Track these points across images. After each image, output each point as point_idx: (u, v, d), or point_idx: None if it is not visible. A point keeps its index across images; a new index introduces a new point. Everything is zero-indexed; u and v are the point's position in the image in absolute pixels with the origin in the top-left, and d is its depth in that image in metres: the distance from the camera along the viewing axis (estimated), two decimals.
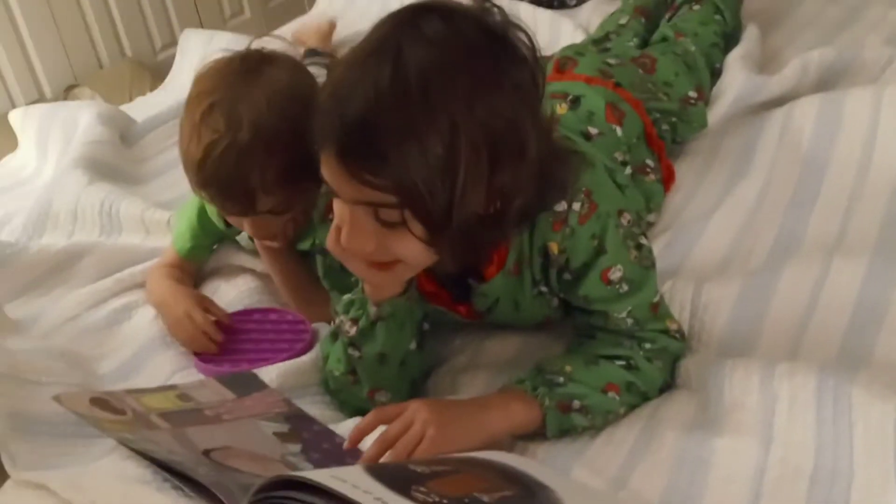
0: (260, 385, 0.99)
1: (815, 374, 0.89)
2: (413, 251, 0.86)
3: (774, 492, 0.84)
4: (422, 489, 0.74)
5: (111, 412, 0.92)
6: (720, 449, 0.89)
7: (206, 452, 0.89)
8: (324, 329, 1.16)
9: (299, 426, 0.95)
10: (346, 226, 0.86)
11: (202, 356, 1.17)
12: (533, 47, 0.85)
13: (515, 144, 0.83)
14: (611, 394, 0.96)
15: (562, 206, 0.94)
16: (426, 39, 0.80)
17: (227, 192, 1.09)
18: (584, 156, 0.98)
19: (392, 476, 0.76)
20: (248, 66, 1.10)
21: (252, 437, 0.92)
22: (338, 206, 0.87)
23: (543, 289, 1.01)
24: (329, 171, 0.84)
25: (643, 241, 1.00)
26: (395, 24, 0.83)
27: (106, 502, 0.76)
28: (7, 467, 0.94)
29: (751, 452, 0.88)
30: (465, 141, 0.79)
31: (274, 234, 1.18)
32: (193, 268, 1.31)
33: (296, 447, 0.93)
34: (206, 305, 1.21)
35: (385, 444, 0.89)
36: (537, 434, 0.95)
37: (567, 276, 0.98)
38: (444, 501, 0.72)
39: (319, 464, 0.92)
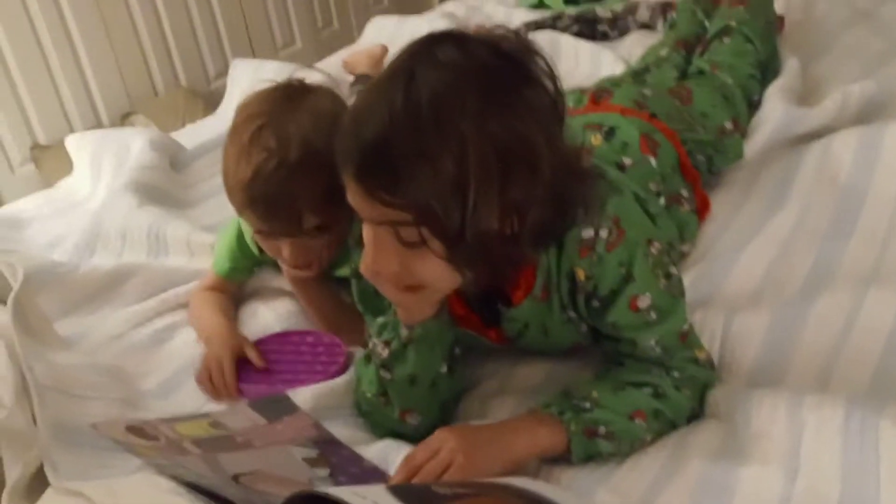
0: (291, 408, 1.00)
1: (842, 405, 0.89)
2: (435, 271, 0.88)
3: None
4: None
5: (145, 439, 0.95)
6: (745, 477, 0.89)
7: (236, 477, 0.91)
8: (359, 353, 1.19)
9: (328, 451, 0.97)
10: (371, 247, 0.89)
11: (240, 376, 1.20)
12: (551, 71, 0.88)
13: (526, 161, 0.85)
14: (637, 420, 0.96)
15: (589, 234, 0.95)
16: (439, 64, 0.84)
17: (274, 211, 1.11)
18: (609, 181, 0.99)
19: (413, 496, 0.77)
20: (290, 93, 1.15)
21: (281, 462, 0.94)
22: (364, 229, 0.90)
23: (572, 314, 1.02)
24: (350, 192, 0.87)
25: (672, 270, 1.01)
26: (411, 52, 0.86)
27: None
28: (49, 476, 0.98)
29: (776, 481, 0.87)
30: (474, 158, 0.81)
31: (310, 262, 1.20)
32: (234, 288, 1.34)
33: (324, 471, 0.95)
34: (243, 350, 1.21)
35: (411, 471, 0.90)
36: (563, 459, 0.96)
37: (595, 303, 0.99)
38: None
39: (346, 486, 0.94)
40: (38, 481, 0.98)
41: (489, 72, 0.84)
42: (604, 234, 0.95)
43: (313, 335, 1.26)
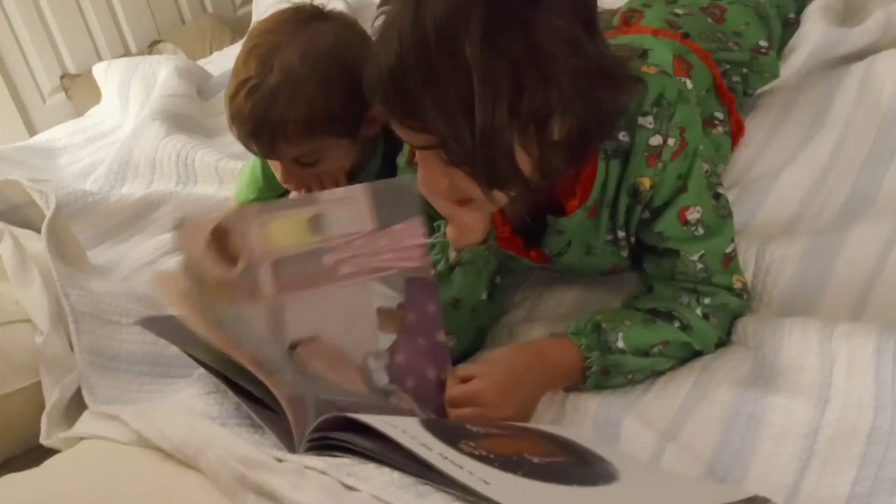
0: (410, 210, 0.91)
1: (874, 334, 0.87)
2: (478, 190, 0.89)
3: (828, 451, 0.83)
4: (470, 443, 0.75)
5: (224, 262, 0.88)
6: (774, 407, 0.88)
7: (293, 346, 0.89)
8: None
9: (412, 301, 0.92)
10: (421, 168, 0.91)
11: None
12: None
13: (539, 71, 0.83)
14: (657, 349, 0.96)
15: (658, 141, 0.94)
16: None
17: (248, 132, 1.13)
18: (678, 88, 0.97)
19: (444, 430, 0.78)
20: (299, 18, 1.14)
21: (352, 312, 0.91)
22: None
23: (620, 233, 1.02)
24: (388, 119, 0.89)
25: (720, 190, 1.01)
26: None
27: (173, 433, 0.80)
28: (87, 399, 1.00)
29: (806, 411, 0.87)
30: (479, 77, 0.81)
31: (302, 188, 1.20)
32: None
33: (387, 341, 0.92)
34: None
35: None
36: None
37: (647, 214, 0.99)
38: (492, 456, 0.73)
39: (399, 371, 0.92)
40: (76, 405, 1.01)
41: None
42: (671, 142, 0.95)
43: None
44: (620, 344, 0.95)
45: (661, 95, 0.95)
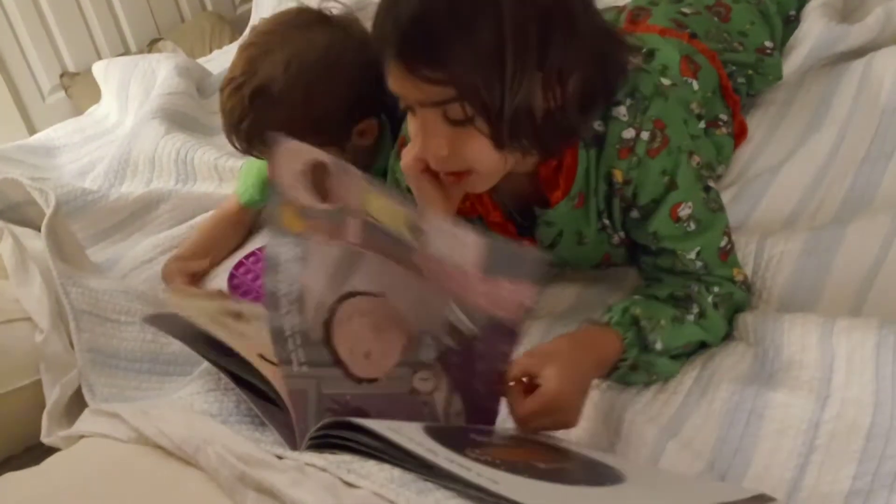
0: (527, 275, 0.80)
1: (874, 330, 0.87)
2: (482, 152, 0.88)
3: (828, 446, 0.83)
4: (476, 451, 0.75)
5: (314, 195, 0.81)
6: (775, 403, 0.88)
7: (346, 296, 0.82)
8: None
9: (486, 336, 0.82)
10: (420, 134, 0.89)
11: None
12: None
13: (564, 24, 0.84)
14: (678, 349, 0.96)
15: (630, 134, 0.94)
16: None
17: (227, 128, 1.16)
18: (654, 83, 0.97)
19: (448, 437, 0.77)
20: (299, 21, 1.16)
21: (424, 302, 0.84)
22: (410, 121, 0.91)
23: (607, 222, 1.02)
24: (393, 77, 0.87)
25: (711, 184, 1.01)
26: None
27: (171, 430, 0.80)
28: (86, 397, 1.00)
29: (806, 407, 0.87)
30: (510, 25, 0.81)
31: None
32: (250, 217, 1.35)
33: (451, 339, 0.84)
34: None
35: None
36: None
37: (635, 213, 0.98)
38: (498, 461, 0.73)
39: (456, 367, 0.85)
40: (76, 403, 1.01)
41: None
42: (645, 136, 0.94)
43: None
44: (659, 346, 0.94)
45: (635, 88, 0.95)
